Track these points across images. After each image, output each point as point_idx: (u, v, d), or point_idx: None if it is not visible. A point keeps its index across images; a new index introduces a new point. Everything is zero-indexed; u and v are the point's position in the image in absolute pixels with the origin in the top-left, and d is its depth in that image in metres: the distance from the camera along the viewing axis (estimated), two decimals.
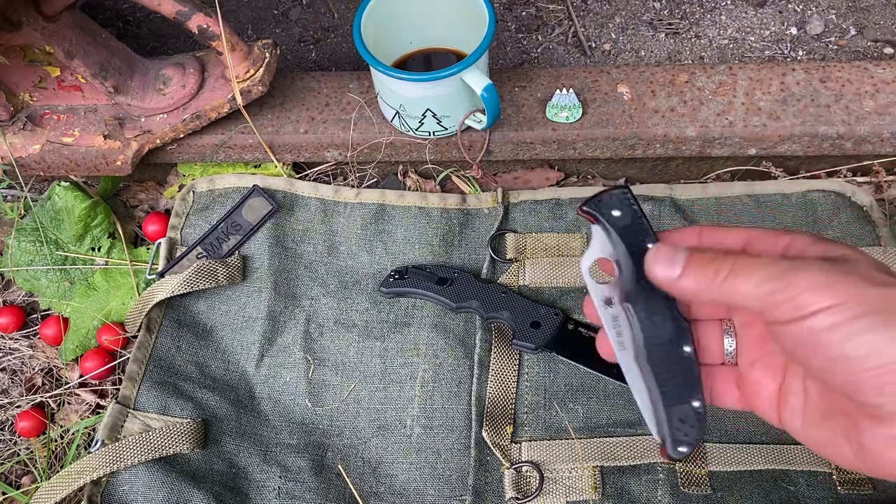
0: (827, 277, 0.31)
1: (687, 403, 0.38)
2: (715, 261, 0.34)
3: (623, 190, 0.39)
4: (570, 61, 0.82)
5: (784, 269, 0.32)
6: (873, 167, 0.72)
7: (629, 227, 0.39)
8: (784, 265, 0.32)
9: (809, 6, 0.84)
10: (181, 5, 0.61)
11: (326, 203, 0.72)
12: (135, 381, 0.62)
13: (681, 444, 0.37)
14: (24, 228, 0.72)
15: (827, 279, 0.31)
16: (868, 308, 0.30)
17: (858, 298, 0.30)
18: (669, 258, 0.36)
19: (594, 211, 0.39)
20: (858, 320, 0.30)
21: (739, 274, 0.33)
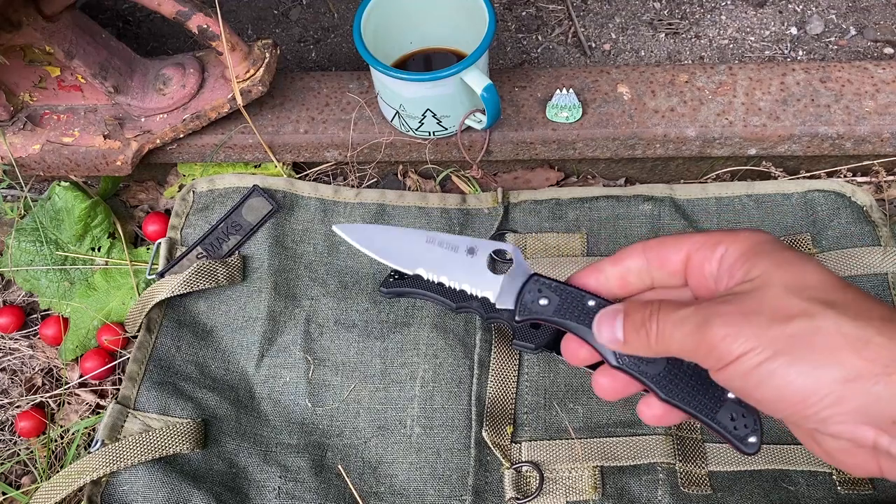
0: (735, 326, 0.32)
1: (724, 402, 0.38)
2: (644, 324, 0.36)
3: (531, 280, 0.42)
4: (570, 61, 0.82)
5: (696, 325, 0.34)
6: (873, 167, 0.72)
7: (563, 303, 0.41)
8: (695, 321, 0.34)
9: (809, 6, 0.84)
10: (181, 5, 0.61)
11: (326, 203, 0.72)
12: (135, 381, 0.62)
13: (746, 438, 0.38)
14: (24, 228, 0.72)
15: (733, 329, 0.32)
16: (771, 350, 0.31)
17: (763, 341, 0.32)
18: (609, 325, 0.38)
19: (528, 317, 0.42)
20: (766, 364, 0.32)
21: (664, 333, 0.35)
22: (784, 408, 0.32)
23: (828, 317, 0.31)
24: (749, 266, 0.35)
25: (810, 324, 0.31)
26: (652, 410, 0.40)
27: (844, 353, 0.30)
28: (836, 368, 0.30)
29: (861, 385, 0.30)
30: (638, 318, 0.37)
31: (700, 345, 0.34)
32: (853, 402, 0.30)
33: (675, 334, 0.35)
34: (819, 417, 0.31)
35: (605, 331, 0.38)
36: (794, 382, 0.31)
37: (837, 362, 0.30)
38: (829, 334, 0.31)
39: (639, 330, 0.37)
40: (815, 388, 0.31)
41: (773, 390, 0.32)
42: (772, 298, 0.33)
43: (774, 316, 0.32)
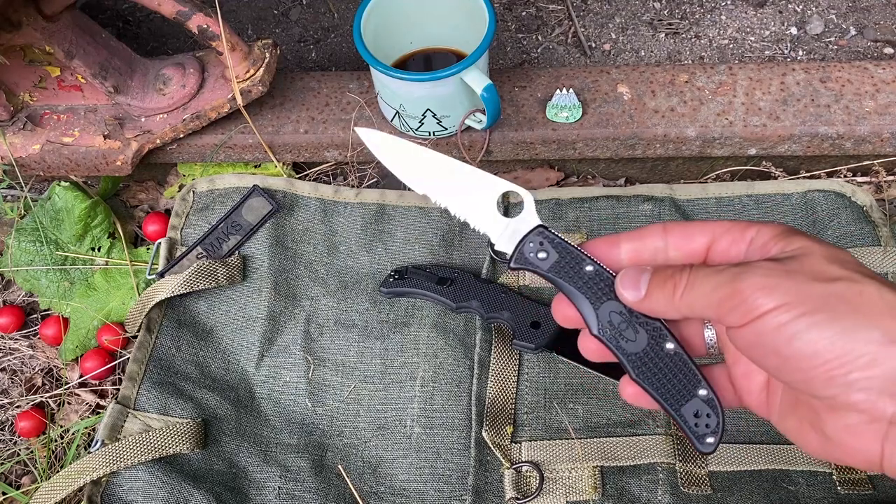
0: (772, 279, 0.32)
1: (693, 397, 0.38)
2: (673, 277, 0.35)
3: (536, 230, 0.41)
4: (570, 61, 0.82)
5: (732, 275, 0.33)
6: (873, 167, 0.72)
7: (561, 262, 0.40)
8: (732, 272, 0.33)
9: (809, 6, 0.84)
10: (181, 5, 0.61)
11: (326, 203, 0.72)
12: (135, 381, 0.62)
13: (705, 437, 0.38)
14: (24, 228, 0.72)
15: (772, 281, 0.32)
16: (811, 306, 0.31)
17: (802, 297, 0.31)
18: (634, 280, 0.37)
19: (522, 266, 0.41)
20: (802, 319, 0.31)
21: (694, 286, 0.34)
22: (814, 366, 0.31)
23: (871, 284, 0.31)
24: (785, 243, 0.35)
25: (854, 287, 0.31)
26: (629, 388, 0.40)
27: (886, 317, 0.30)
28: (876, 330, 0.30)
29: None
30: (668, 272, 0.36)
31: (731, 296, 0.33)
32: (886, 366, 0.30)
33: (706, 285, 0.34)
34: (847, 380, 0.30)
35: (627, 284, 0.37)
36: (833, 339, 0.30)
37: (878, 325, 0.30)
38: (873, 298, 0.31)
39: (665, 283, 0.36)
40: (852, 347, 0.30)
41: (809, 345, 0.31)
42: (814, 263, 0.33)
43: (817, 277, 0.32)
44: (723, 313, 0.33)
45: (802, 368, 0.31)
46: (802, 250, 0.34)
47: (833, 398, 0.31)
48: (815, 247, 0.34)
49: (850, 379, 0.30)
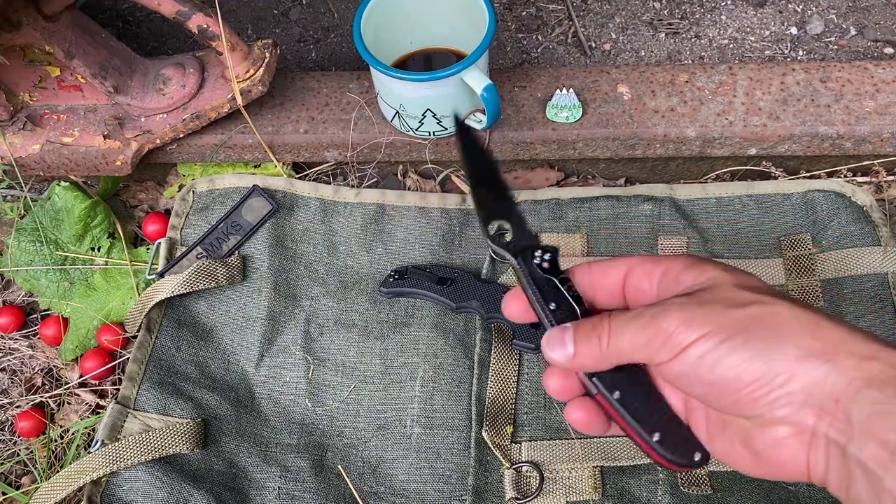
0: (689, 313, 0.33)
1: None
2: (595, 328, 0.37)
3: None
4: (570, 61, 0.82)
5: (651, 315, 0.35)
6: (873, 167, 0.72)
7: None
8: (651, 312, 0.35)
9: (809, 6, 0.84)
10: (181, 5, 0.61)
11: (326, 203, 0.72)
12: (135, 381, 0.62)
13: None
14: (23, 228, 0.72)
15: (689, 314, 0.33)
16: (728, 332, 0.32)
17: (718, 325, 0.33)
18: (559, 340, 0.38)
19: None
20: (722, 345, 0.32)
21: (617, 332, 0.36)
22: (737, 390, 0.32)
23: (783, 304, 0.33)
24: (697, 273, 0.36)
25: (766, 308, 0.33)
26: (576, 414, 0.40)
27: (799, 333, 0.32)
28: (791, 347, 0.31)
29: (812, 363, 0.31)
30: (588, 326, 0.37)
31: (654, 336, 0.34)
32: (803, 380, 0.31)
33: (627, 330, 0.35)
34: (769, 399, 0.32)
35: (554, 345, 0.38)
36: (751, 361, 0.32)
37: (792, 342, 0.31)
38: (785, 317, 0.32)
39: (590, 337, 0.37)
40: (769, 367, 0.31)
41: (730, 371, 0.32)
42: (726, 292, 0.34)
43: (731, 304, 0.33)
44: (651, 352, 0.35)
45: (728, 393, 0.33)
46: (713, 280, 0.35)
47: (760, 416, 0.33)
48: (724, 276, 0.35)
49: (771, 398, 0.32)
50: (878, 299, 0.63)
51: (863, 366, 0.30)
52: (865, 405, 0.30)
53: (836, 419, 0.31)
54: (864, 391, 0.30)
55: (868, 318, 0.62)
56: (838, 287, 0.64)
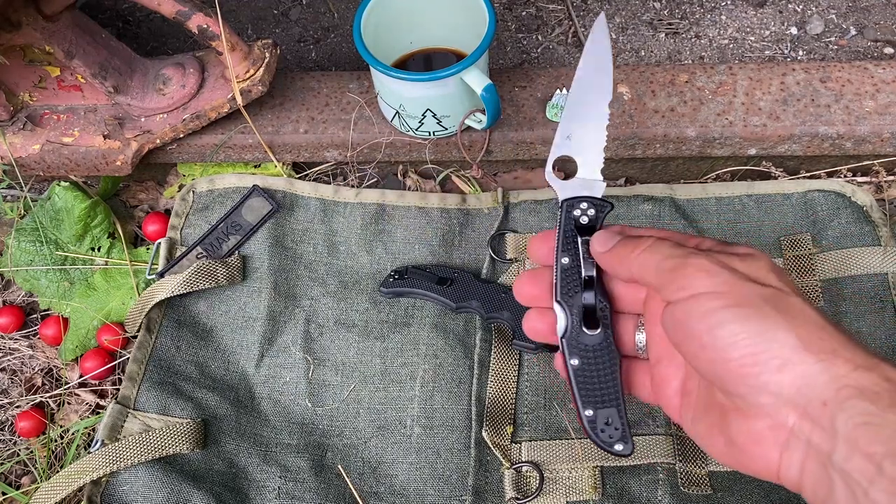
0: (715, 267, 0.34)
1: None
2: (637, 240, 0.38)
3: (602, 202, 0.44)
4: (570, 61, 0.82)
5: (685, 252, 0.36)
6: (873, 167, 0.72)
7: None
8: (685, 251, 0.36)
9: (809, 6, 0.84)
10: (181, 5, 0.61)
11: (326, 203, 0.72)
12: (135, 381, 0.62)
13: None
14: (23, 228, 0.72)
15: (714, 269, 0.34)
16: (740, 300, 0.33)
17: (735, 290, 0.33)
18: (607, 239, 0.40)
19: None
20: (728, 310, 0.33)
21: (652, 250, 0.37)
22: (729, 359, 0.32)
23: (799, 298, 0.34)
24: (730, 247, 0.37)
25: (783, 296, 0.33)
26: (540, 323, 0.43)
27: (804, 328, 0.32)
28: (794, 336, 0.31)
29: (808, 357, 0.31)
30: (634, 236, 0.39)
31: (675, 269, 0.35)
32: (795, 372, 0.31)
33: (661, 253, 0.36)
34: (757, 381, 0.32)
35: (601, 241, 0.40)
36: (751, 335, 0.32)
37: (796, 332, 0.32)
38: (797, 309, 0.33)
39: (628, 243, 0.39)
40: (768, 346, 0.32)
41: (728, 336, 0.32)
42: (759, 268, 0.35)
43: (756, 279, 0.34)
44: (663, 282, 0.36)
45: (718, 360, 0.33)
46: (752, 254, 0.36)
47: (742, 397, 0.33)
48: (763, 257, 0.36)
49: (760, 381, 0.32)
50: (878, 299, 0.63)
51: (856, 374, 0.30)
52: (853, 414, 0.29)
53: (820, 425, 0.30)
54: (853, 400, 0.30)
55: (868, 318, 0.62)
56: (838, 287, 0.64)
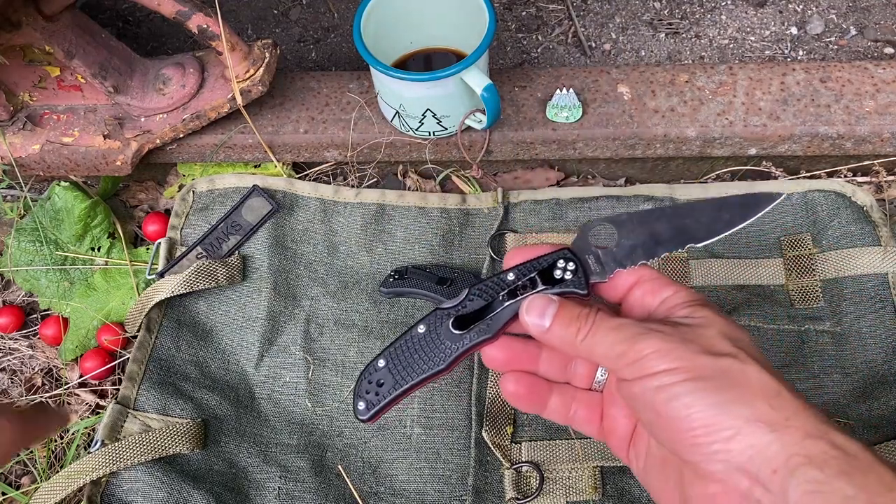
0: (668, 344, 0.35)
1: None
2: (577, 320, 0.38)
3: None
4: (570, 61, 0.82)
5: (633, 335, 0.36)
6: (873, 167, 0.72)
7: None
8: (633, 331, 0.36)
9: (809, 6, 0.84)
10: (181, 5, 0.61)
11: (326, 203, 0.72)
12: (134, 382, 0.62)
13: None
14: (23, 228, 0.72)
15: (668, 346, 0.35)
16: (694, 374, 0.34)
17: (689, 365, 0.34)
18: (541, 309, 0.40)
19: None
20: (685, 384, 0.33)
21: (596, 335, 0.37)
22: (683, 429, 0.33)
23: (753, 365, 0.34)
24: (692, 310, 0.38)
25: (737, 365, 0.34)
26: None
27: (758, 398, 0.33)
28: (746, 407, 0.32)
29: (760, 428, 0.32)
30: (573, 314, 0.39)
31: (628, 353, 0.35)
32: (747, 441, 0.32)
33: (607, 338, 0.37)
34: (709, 450, 0.33)
35: (534, 315, 0.40)
36: (705, 408, 0.33)
37: (749, 403, 0.33)
38: (750, 379, 0.34)
39: (570, 324, 0.38)
40: (721, 419, 0.32)
41: (682, 409, 0.33)
42: (708, 337, 0.36)
43: (708, 349, 0.35)
44: (619, 367, 0.36)
45: (673, 429, 0.34)
46: (703, 321, 0.37)
47: (696, 465, 0.34)
48: (715, 320, 0.37)
49: (712, 449, 0.33)
50: (878, 299, 0.63)
51: (806, 442, 0.31)
52: (802, 482, 0.30)
53: (771, 491, 0.31)
54: (803, 468, 0.31)
55: (868, 318, 0.62)
56: (838, 287, 0.64)
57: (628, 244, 0.42)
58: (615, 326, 0.37)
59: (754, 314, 0.63)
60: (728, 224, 0.42)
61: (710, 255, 0.67)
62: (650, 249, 0.41)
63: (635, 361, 0.35)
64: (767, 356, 0.61)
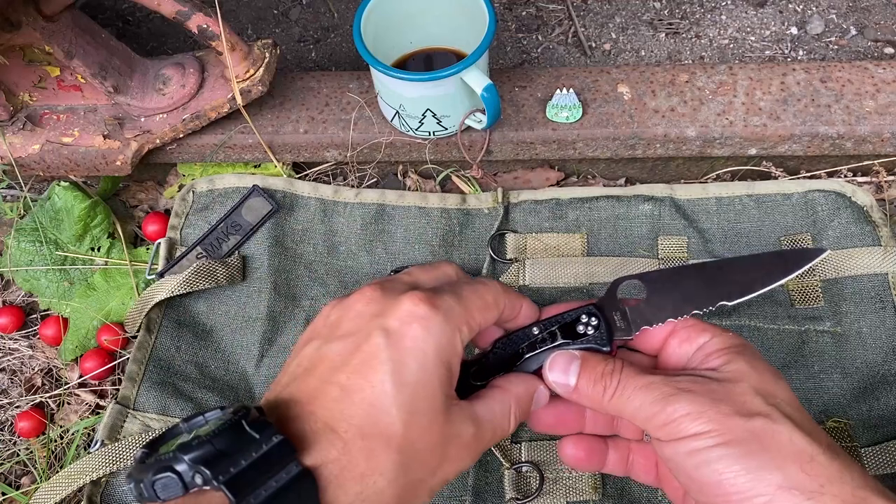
0: (699, 407, 0.34)
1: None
2: (603, 379, 0.37)
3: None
4: (570, 61, 0.82)
5: (663, 395, 0.35)
6: (873, 167, 0.72)
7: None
8: (663, 391, 0.35)
9: (810, 6, 0.84)
10: (181, 5, 0.61)
11: (326, 203, 0.72)
12: (134, 382, 0.62)
13: None
14: (23, 228, 0.72)
15: (698, 408, 0.34)
16: (726, 438, 0.33)
17: (721, 429, 0.33)
18: (564, 367, 0.38)
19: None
20: (716, 449, 0.33)
21: (624, 394, 0.36)
22: (716, 494, 0.33)
23: (785, 425, 0.33)
24: (727, 360, 0.37)
25: (769, 426, 0.33)
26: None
27: (790, 462, 0.32)
28: (778, 474, 0.32)
29: (794, 496, 0.31)
30: (598, 371, 0.37)
31: (658, 415, 0.35)
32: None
33: (636, 399, 0.36)
34: None
35: (557, 372, 0.39)
36: (737, 474, 0.32)
37: (781, 468, 0.32)
38: (783, 441, 0.33)
39: (596, 382, 0.37)
40: (753, 485, 0.32)
41: (714, 475, 0.33)
42: (740, 394, 0.34)
43: (739, 409, 0.34)
44: (650, 428, 0.36)
45: (707, 493, 0.34)
46: (736, 374, 0.35)
47: None
48: (749, 374, 0.35)
49: None
50: (879, 299, 0.63)
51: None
52: None
53: None
54: None
55: (868, 318, 0.62)
56: (838, 287, 0.64)
57: (657, 301, 0.41)
58: (644, 385, 0.36)
59: (754, 314, 0.63)
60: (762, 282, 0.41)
61: (711, 255, 0.67)
62: (679, 308, 0.40)
63: (666, 424, 0.34)
64: (767, 356, 0.62)
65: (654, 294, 0.41)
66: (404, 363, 0.32)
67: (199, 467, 0.28)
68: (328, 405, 0.32)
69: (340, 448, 0.31)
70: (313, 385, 0.33)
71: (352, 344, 0.33)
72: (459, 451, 0.36)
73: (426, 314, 0.34)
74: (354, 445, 0.31)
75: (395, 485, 0.32)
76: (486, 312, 0.38)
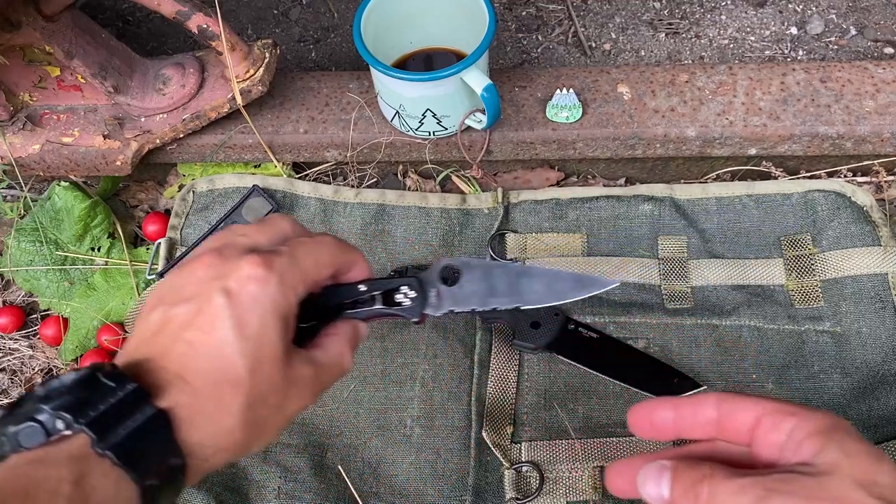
0: None
1: None
2: (694, 487, 0.35)
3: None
4: (570, 61, 0.82)
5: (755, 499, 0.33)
6: (873, 167, 0.72)
7: None
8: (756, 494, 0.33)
9: (809, 6, 0.84)
10: (181, 5, 0.61)
11: (326, 203, 0.72)
12: None
13: None
14: (23, 228, 0.72)
15: None
16: None
17: None
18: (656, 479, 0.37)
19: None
20: None
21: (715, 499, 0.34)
22: None
23: None
24: (819, 448, 0.34)
25: None
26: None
27: None
28: None
29: None
30: (688, 479, 0.36)
31: None
32: None
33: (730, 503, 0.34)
34: None
35: (650, 485, 0.37)
36: None
37: None
38: None
39: (688, 491, 0.36)
40: None
41: None
42: (838, 489, 0.32)
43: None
44: None
45: None
46: (831, 466, 0.33)
47: None
48: (845, 465, 0.33)
49: None
50: (878, 299, 0.63)
51: None
52: None
53: None
54: None
55: (868, 318, 0.62)
56: (838, 287, 0.64)
57: (468, 289, 0.44)
58: (736, 490, 0.34)
59: (754, 314, 0.63)
60: (559, 296, 0.44)
61: (711, 255, 0.67)
62: (483, 300, 0.44)
63: None
64: (767, 356, 0.62)
65: (468, 283, 0.44)
66: (244, 319, 0.35)
67: (59, 413, 0.31)
68: (177, 359, 0.35)
69: (190, 393, 0.34)
70: (162, 343, 0.35)
71: (195, 305, 0.36)
72: (301, 391, 0.40)
73: (263, 276, 0.36)
74: (203, 391, 0.34)
75: (243, 423, 0.35)
76: (320, 270, 0.41)
